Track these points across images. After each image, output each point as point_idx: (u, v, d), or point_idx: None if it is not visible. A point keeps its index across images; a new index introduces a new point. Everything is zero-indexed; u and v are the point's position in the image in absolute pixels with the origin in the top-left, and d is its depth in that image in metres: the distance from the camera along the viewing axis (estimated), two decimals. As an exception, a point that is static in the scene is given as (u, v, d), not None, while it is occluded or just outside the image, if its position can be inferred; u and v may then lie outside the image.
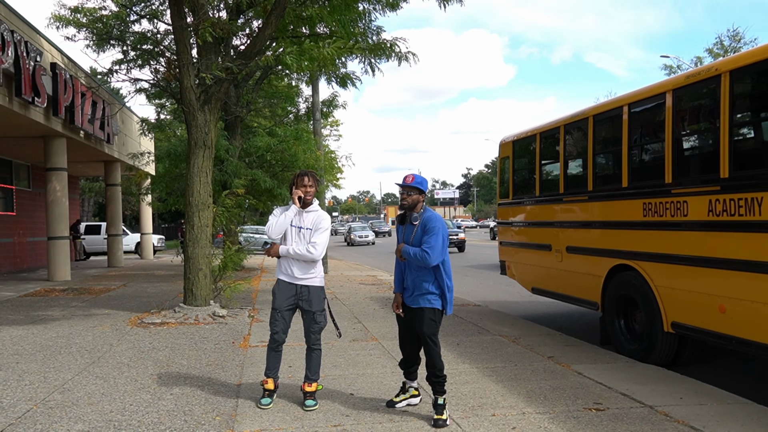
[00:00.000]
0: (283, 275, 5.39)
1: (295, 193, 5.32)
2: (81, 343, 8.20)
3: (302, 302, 5.34)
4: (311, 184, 5.32)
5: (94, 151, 19.63)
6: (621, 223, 7.59)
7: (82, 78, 17.23)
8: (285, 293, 5.35)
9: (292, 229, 5.34)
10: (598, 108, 8.43)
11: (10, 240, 20.24)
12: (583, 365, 6.78)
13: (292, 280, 5.34)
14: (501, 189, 11.66)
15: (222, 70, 9.70)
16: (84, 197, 42.75)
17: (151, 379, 6.32)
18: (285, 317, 5.37)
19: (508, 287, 14.84)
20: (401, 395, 5.37)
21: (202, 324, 9.55)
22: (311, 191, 5.32)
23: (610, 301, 7.89)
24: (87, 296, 13.31)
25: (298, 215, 5.35)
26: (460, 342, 8.11)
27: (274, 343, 5.39)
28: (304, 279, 5.34)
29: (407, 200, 5.09)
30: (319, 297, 5.37)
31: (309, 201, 5.35)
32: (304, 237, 5.31)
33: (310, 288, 5.35)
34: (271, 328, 5.41)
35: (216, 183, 15.45)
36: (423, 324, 5.02)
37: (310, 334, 5.40)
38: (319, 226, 5.32)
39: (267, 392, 5.36)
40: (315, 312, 5.35)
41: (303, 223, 5.33)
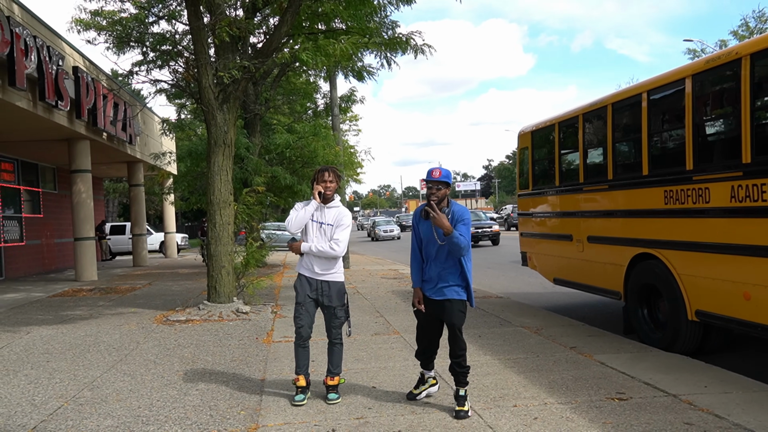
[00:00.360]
0: (304, 270, 5.44)
1: (316, 189, 5.35)
2: (108, 341, 8.37)
3: (323, 297, 5.39)
4: (332, 179, 5.35)
5: (117, 152, 19.92)
6: (642, 212, 7.53)
7: (104, 80, 17.49)
8: (306, 288, 5.41)
9: (314, 224, 5.37)
10: (617, 96, 8.36)
11: (38, 242, 20.65)
12: (606, 355, 6.76)
13: (312, 276, 5.38)
14: (521, 180, 11.62)
15: (239, 69, 9.78)
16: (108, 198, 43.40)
17: (177, 375, 6.44)
18: (309, 311, 5.40)
19: (529, 278, 14.79)
20: (420, 386, 5.40)
21: (225, 321, 9.68)
22: (332, 186, 5.35)
23: (633, 290, 7.84)
24: (113, 295, 13.55)
25: (320, 210, 5.39)
26: (481, 334, 8.13)
27: (299, 338, 5.41)
28: (325, 274, 5.38)
29: (437, 195, 5.02)
30: (339, 292, 5.43)
31: (329, 196, 5.37)
32: (326, 233, 5.35)
33: (330, 283, 5.40)
34: (296, 323, 5.42)
35: (237, 181, 15.60)
36: (453, 315, 5.02)
37: (331, 328, 5.45)
38: (341, 222, 5.36)
39: (300, 389, 5.37)
40: (336, 307, 5.40)
41: (324, 218, 5.37)
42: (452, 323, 5.04)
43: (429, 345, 5.33)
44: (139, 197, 23.65)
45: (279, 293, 13.06)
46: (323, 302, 5.40)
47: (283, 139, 17.26)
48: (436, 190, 5.02)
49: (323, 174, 5.37)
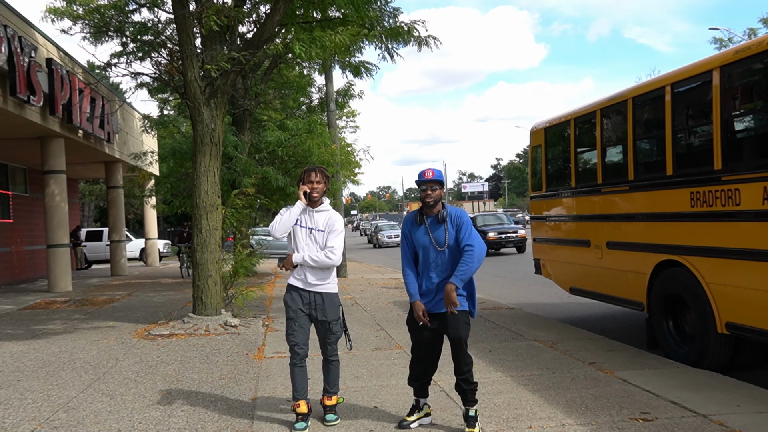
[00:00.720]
0: (295, 280, 5.36)
1: (301, 189, 5.31)
2: (85, 357, 8.34)
3: (316, 312, 5.32)
4: (319, 179, 5.30)
5: (93, 152, 19.93)
6: (666, 215, 7.52)
7: (80, 73, 17.50)
8: (298, 301, 5.33)
9: (302, 230, 5.32)
10: (638, 89, 8.36)
11: (8, 249, 20.63)
12: (629, 371, 6.74)
13: (305, 287, 5.32)
14: (533, 180, 11.62)
15: (228, 61, 9.79)
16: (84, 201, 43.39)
17: (160, 395, 6.42)
18: (303, 326, 5.33)
19: (543, 288, 14.78)
20: (415, 413, 5.25)
21: (213, 335, 9.66)
22: (319, 188, 5.30)
23: (657, 300, 7.83)
24: (90, 308, 13.53)
25: (308, 215, 5.34)
26: (492, 348, 8.11)
27: (296, 357, 5.32)
28: (318, 285, 5.32)
29: (432, 196, 5.05)
30: (334, 305, 5.36)
31: (317, 198, 5.32)
32: (316, 240, 5.30)
33: (324, 295, 5.33)
34: (290, 341, 5.34)
35: (224, 182, 15.58)
36: (459, 328, 4.98)
37: (326, 345, 5.38)
38: (333, 227, 5.32)
39: (300, 416, 5.25)
40: (331, 322, 5.33)
41: (314, 223, 5.33)
42: (458, 336, 4.98)
43: (427, 368, 5.22)
44: (117, 200, 23.65)
45: (270, 305, 13.04)
46: (317, 317, 5.33)
47: (275, 137, 17.25)
48: (431, 191, 5.04)
49: (309, 174, 5.33)
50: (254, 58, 10.14)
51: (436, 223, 5.07)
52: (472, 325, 5.24)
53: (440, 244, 5.00)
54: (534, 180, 11.59)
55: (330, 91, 19.69)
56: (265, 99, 19.73)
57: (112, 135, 20.19)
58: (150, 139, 24.37)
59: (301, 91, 21.27)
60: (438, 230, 5.05)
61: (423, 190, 5.07)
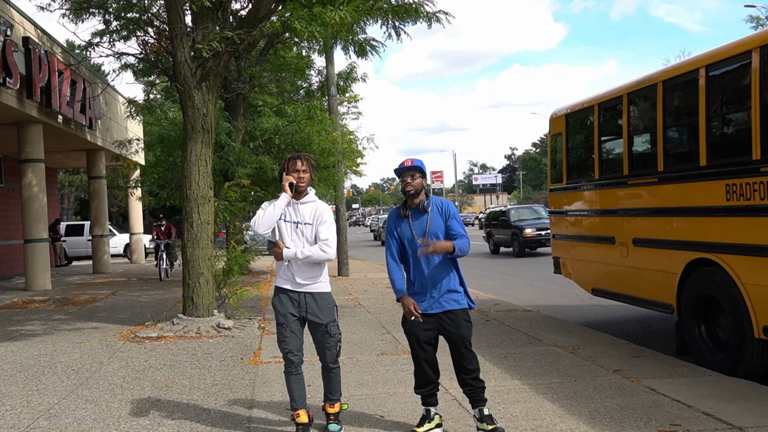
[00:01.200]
0: (282, 281, 5.29)
1: (286, 179, 5.21)
2: (67, 361, 8.38)
3: (308, 314, 5.24)
4: (305, 168, 5.24)
5: (74, 139, 19.96)
6: (699, 209, 7.50)
7: (59, 54, 17.52)
8: (287, 304, 5.26)
9: (287, 225, 5.25)
10: (669, 72, 8.33)
11: (-18, 244, 20.71)
12: (657, 380, 6.74)
13: (294, 287, 5.24)
14: (553, 172, 11.60)
15: (221, 41, 9.78)
16: (63, 193, 43.51)
17: (148, 402, 6.44)
18: (295, 331, 5.26)
19: (563, 288, 14.77)
20: (426, 424, 5.28)
21: (204, 337, 9.68)
22: (305, 177, 5.24)
23: (688, 302, 7.82)
24: (71, 308, 13.57)
25: (293, 208, 5.27)
26: (507, 354, 8.12)
27: (290, 365, 5.27)
28: (309, 284, 5.24)
29: (413, 185, 5.18)
30: (328, 305, 5.28)
31: (302, 188, 5.25)
32: (304, 233, 5.22)
33: (316, 295, 5.25)
34: (282, 348, 5.29)
35: (216, 173, 15.60)
36: (461, 328, 5.11)
37: (324, 350, 5.31)
38: (323, 219, 5.25)
39: (301, 427, 5.24)
40: (327, 324, 5.25)
41: (300, 217, 5.26)
42: (462, 336, 5.10)
43: (432, 372, 5.28)
44: (99, 191, 23.70)
45: (267, 305, 13.06)
46: (310, 319, 5.25)
47: (271, 124, 17.25)
48: (411, 179, 5.17)
49: (294, 162, 5.24)
50: (249, 38, 10.13)
51: (417, 214, 5.22)
52: (484, 328, 5.31)
53: (420, 235, 5.14)
54: (554, 171, 11.57)
55: (331, 73, 19.66)
56: (261, 82, 19.69)
57: (95, 121, 20.22)
58: (135, 126, 24.41)
59: (300, 73, 21.21)
60: (420, 220, 5.20)
61: (403, 180, 5.21)
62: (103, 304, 14.13)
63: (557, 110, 11.45)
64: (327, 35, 10.57)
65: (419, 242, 5.09)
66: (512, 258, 25.05)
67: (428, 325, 5.13)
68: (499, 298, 13.51)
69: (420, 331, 5.15)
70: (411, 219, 5.21)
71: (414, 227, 5.18)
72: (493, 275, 19.15)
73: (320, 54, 19.84)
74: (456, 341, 5.12)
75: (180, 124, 13.95)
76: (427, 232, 5.13)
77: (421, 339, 5.17)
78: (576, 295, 13.51)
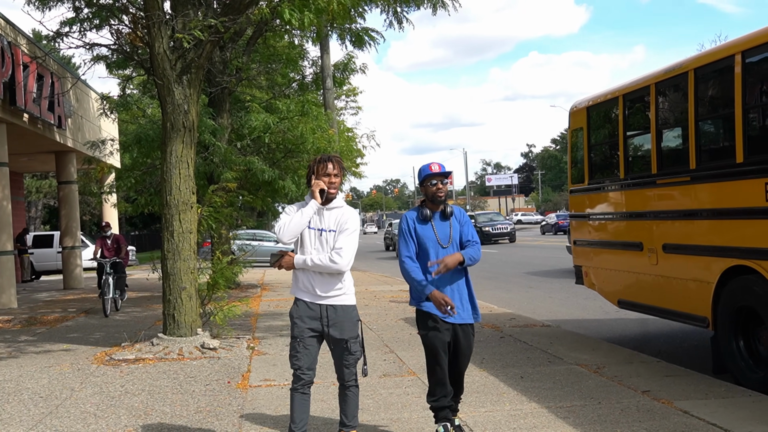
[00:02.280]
0: (302, 292, 5.32)
1: (316, 185, 5.20)
2: (34, 387, 8.39)
3: (330, 328, 5.26)
4: (336, 172, 5.26)
5: (41, 140, 20.04)
6: (736, 211, 7.51)
7: (24, 45, 17.59)
8: (306, 317, 5.28)
9: (311, 232, 5.26)
10: (702, 59, 8.35)
11: (-60, 257, 20.74)
12: (690, 401, 6.73)
13: (314, 299, 5.27)
14: (573, 171, 11.62)
15: (203, 29, 9.82)
16: (30, 200, 43.63)
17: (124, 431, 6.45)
18: (309, 348, 5.28)
19: (586, 300, 14.77)
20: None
21: (187, 359, 9.69)
22: (336, 182, 5.26)
23: (725, 315, 7.82)
24: (39, 328, 13.59)
25: (318, 214, 5.29)
26: (524, 374, 8.12)
27: (298, 381, 5.27)
28: (330, 297, 5.26)
29: (444, 190, 5.63)
30: (351, 319, 5.31)
31: (333, 195, 5.29)
32: (328, 242, 5.25)
33: (338, 308, 5.27)
34: (293, 364, 5.30)
35: (200, 176, 15.65)
36: (471, 342, 5.73)
37: (343, 368, 5.34)
38: (345, 226, 5.25)
39: None
40: (348, 340, 5.27)
41: (324, 223, 5.27)
42: (470, 346, 5.71)
43: (446, 376, 5.64)
44: (70, 198, 23.75)
45: (257, 323, 13.08)
46: (331, 334, 5.27)
47: (260, 121, 17.29)
48: (442, 185, 5.61)
49: (326, 165, 5.24)
50: (235, 26, 10.18)
51: (442, 219, 5.69)
52: (498, 345, 5.52)
53: (445, 240, 5.59)
54: (574, 170, 11.59)
55: (326, 64, 19.73)
56: (249, 75, 19.77)
57: (64, 119, 20.29)
58: (109, 125, 24.47)
59: (292, 64, 21.28)
60: (443, 226, 5.67)
61: (433, 185, 5.61)
62: (74, 323, 14.15)
63: (578, 102, 11.47)
64: (321, 23, 10.63)
65: (429, 264, 5.53)
66: (533, 267, 25.06)
67: (447, 333, 5.57)
68: (515, 312, 13.51)
69: (440, 340, 5.55)
70: (434, 224, 5.65)
71: (438, 232, 5.62)
72: (509, 286, 19.17)
73: (314, 43, 19.95)
74: (466, 353, 5.69)
75: (159, 122, 13.99)
76: (451, 238, 5.61)
77: (442, 348, 5.57)
78: (601, 307, 13.51)
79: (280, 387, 7.83)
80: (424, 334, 5.62)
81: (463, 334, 5.62)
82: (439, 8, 10.67)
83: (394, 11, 10.91)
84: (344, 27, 12.42)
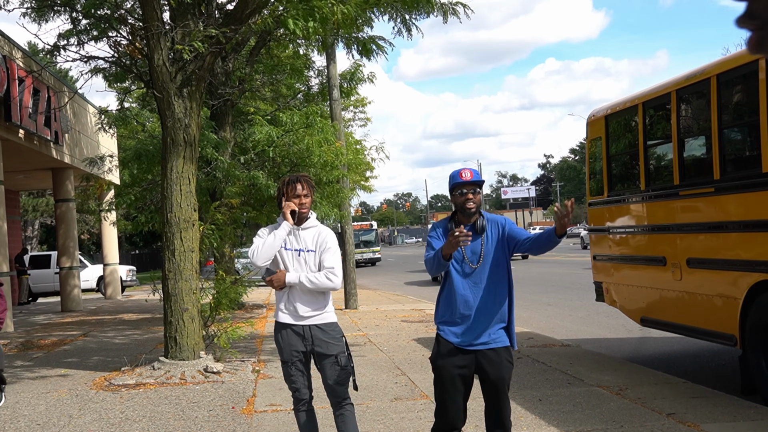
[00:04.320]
0: (284, 315, 5.49)
1: (287, 207, 5.43)
2: (31, 415, 8.42)
3: (316, 347, 5.45)
4: (306, 192, 5.49)
5: (38, 156, 20.16)
6: (763, 223, 7.49)
7: (20, 59, 17.75)
8: (292, 341, 5.46)
9: (288, 253, 5.48)
10: (725, 64, 8.35)
11: (-67, 280, 20.86)
12: (718, 424, 6.71)
13: (296, 321, 5.44)
14: (592, 183, 11.62)
15: (204, 40, 9.90)
16: (26, 218, 43.88)
17: (125, 460, 6.47)
18: (300, 369, 5.51)
19: (607, 318, 14.72)
20: None
21: (190, 384, 9.71)
22: (306, 202, 5.49)
23: (754, 332, 7.78)
24: (36, 352, 13.64)
25: (293, 235, 5.51)
26: (542, 397, 8.10)
27: (299, 401, 5.54)
28: (314, 316, 5.45)
29: (475, 201, 5.12)
30: (336, 336, 5.49)
31: (305, 215, 5.51)
32: (307, 262, 5.46)
33: (322, 327, 5.46)
34: (289, 386, 5.58)
35: (202, 192, 15.72)
36: (503, 368, 5.06)
37: (336, 385, 5.47)
38: (326, 245, 5.48)
39: None
40: (337, 355, 5.44)
41: (301, 243, 5.50)
42: (501, 377, 5.05)
43: (455, 416, 5.16)
44: (68, 216, 23.87)
45: (262, 345, 13.09)
46: (319, 352, 5.45)
47: (265, 134, 17.35)
48: (472, 195, 5.10)
49: (294, 187, 5.47)
50: (237, 36, 10.26)
51: (476, 234, 5.11)
52: (517, 366, 5.31)
53: (475, 259, 5.08)
54: (593, 182, 11.58)
55: (333, 74, 19.78)
56: (252, 86, 19.88)
57: (61, 135, 20.42)
58: (108, 140, 24.60)
59: (297, 75, 21.38)
60: (478, 242, 5.11)
61: (463, 194, 5.09)
62: (72, 347, 14.19)
63: (596, 111, 11.49)
64: (327, 32, 10.69)
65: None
66: (552, 283, 25.00)
67: (463, 362, 5.05)
68: (533, 331, 13.48)
69: (453, 367, 5.05)
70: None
71: (465, 248, 5.08)
72: (527, 304, 19.11)
73: (320, 52, 20.00)
74: (493, 383, 5.05)
75: (159, 137, 14.08)
76: (482, 256, 5.08)
77: (452, 375, 5.06)
78: (623, 325, 13.46)
79: (286, 412, 7.82)
80: (432, 360, 5.21)
81: (488, 361, 5.03)
82: (450, 15, 10.72)
83: (402, 19, 10.97)
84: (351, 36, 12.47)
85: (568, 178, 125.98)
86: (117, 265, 29.14)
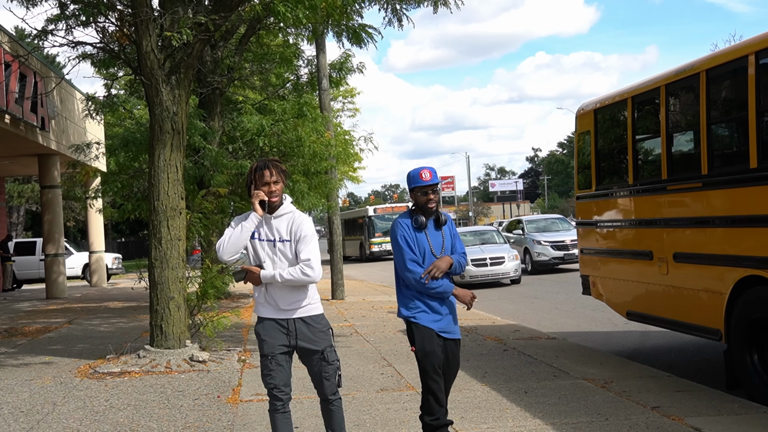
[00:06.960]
0: (265, 309, 5.32)
1: (256, 196, 5.17)
2: (14, 402, 8.38)
3: (301, 342, 5.28)
4: (276, 179, 5.20)
5: (24, 142, 20.02)
6: (749, 219, 7.52)
7: (6, 43, 17.61)
8: (274, 334, 5.29)
9: (262, 244, 5.26)
10: (713, 60, 8.37)
11: None
12: (702, 418, 6.74)
13: (278, 315, 5.26)
14: (580, 177, 11.64)
15: (193, 27, 9.84)
16: (11, 205, 43.62)
17: (109, 448, 6.45)
18: (282, 364, 5.31)
19: (593, 312, 14.77)
20: None
21: (175, 372, 9.69)
22: (276, 190, 5.20)
23: (738, 327, 7.82)
24: (20, 339, 13.58)
25: (266, 225, 5.28)
26: (528, 389, 8.12)
27: (277, 402, 5.32)
28: (297, 309, 5.26)
29: (435, 200, 5.77)
30: (322, 329, 5.32)
31: (275, 203, 5.24)
32: (283, 252, 5.24)
33: (307, 319, 5.28)
34: (267, 384, 5.35)
35: (190, 180, 15.65)
36: (459, 358, 6.05)
37: (323, 380, 5.35)
38: (302, 233, 5.22)
39: None
40: (324, 350, 5.30)
41: (276, 233, 5.26)
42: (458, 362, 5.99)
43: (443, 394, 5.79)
44: (53, 203, 23.72)
45: (248, 334, 13.07)
46: (304, 347, 5.29)
47: (254, 123, 17.27)
48: (433, 195, 5.73)
49: (262, 174, 5.17)
50: (226, 23, 10.20)
51: (435, 228, 5.83)
52: (501, 358, 5.59)
53: (438, 250, 5.74)
54: (581, 176, 11.60)
55: (322, 64, 19.74)
56: (241, 74, 19.79)
57: (47, 121, 20.29)
58: (95, 127, 24.48)
59: (286, 64, 21.29)
60: (436, 235, 5.81)
61: (425, 194, 5.73)
62: (57, 334, 14.13)
63: (584, 105, 11.50)
64: (317, 20, 10.65)
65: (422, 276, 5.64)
66: (533, 276, 25.06)
67: (440, 348, 5.76)
68: (520, 324, 13.51)
69: (437, 356, 5.71)
70: (428, 233, 5.76)
71: (432, 241, 5.76)
72: (513, 297, 19.17)
73: (309, 42, 19.94)
74: (454, 369, 5.94)
75: (146, 125, 14.01)
76: (443, 248, 5.76)
77: (439, 365, 5.71)
78: (609, 319, 13.51)
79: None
80: (420, 350, 5.73)
81: (453, 350, 5.84)
82: (440, 6, 10.69)
83: (393, 9, 10.94)
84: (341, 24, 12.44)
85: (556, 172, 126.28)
86: (103, 252, 29.03)
